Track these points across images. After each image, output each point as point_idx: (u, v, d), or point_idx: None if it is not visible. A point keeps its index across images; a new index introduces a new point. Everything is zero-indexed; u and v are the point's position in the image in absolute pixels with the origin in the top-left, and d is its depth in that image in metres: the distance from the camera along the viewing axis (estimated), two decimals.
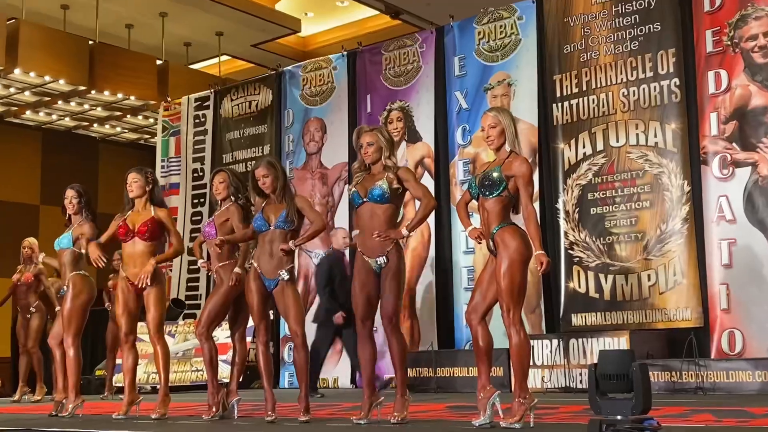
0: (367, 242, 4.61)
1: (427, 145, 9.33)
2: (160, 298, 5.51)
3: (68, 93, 12.60)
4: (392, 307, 4.57)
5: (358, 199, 4.66)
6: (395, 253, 4.59)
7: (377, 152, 4.69)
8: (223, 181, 5.59)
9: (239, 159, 11.10)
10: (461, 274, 8.81)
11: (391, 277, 4.56)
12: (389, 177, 4.61)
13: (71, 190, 6.19)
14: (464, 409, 5.44)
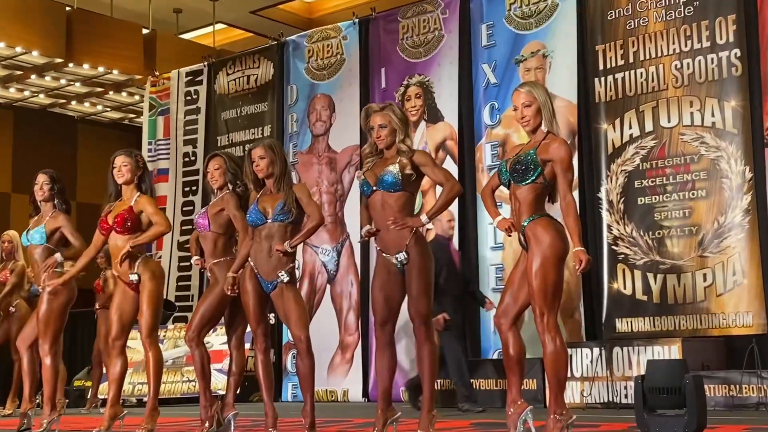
0: (383, 236, 4.61)
1: (449, 125, 9.32)
2: (155, 297, 5.50)
3: (42, 66, 12.65)
4: (423, 308, 4.56)
5: (367, 187, 4.66)
6: (416, 247, 4.57)
7: (391, 135, 4.69)
8: (218, 167, 5.60)
9: (236, 141, 11.13)
10: (489, 273, 8.80)
11: (416, 274, 4.54)
12: (402, 162, 4.60)
13: (43, 175, 6.22)
14: (492, 426, 5.44)
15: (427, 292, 4.58)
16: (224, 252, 5.53)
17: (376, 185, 4.63)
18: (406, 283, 4.59)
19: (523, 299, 4.31)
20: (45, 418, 5.94)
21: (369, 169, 4.72)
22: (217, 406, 5.47)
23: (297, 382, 9.62)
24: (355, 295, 9.67)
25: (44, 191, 6.20)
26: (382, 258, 4.63)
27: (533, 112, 4.36)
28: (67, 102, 14.48)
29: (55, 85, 13.51)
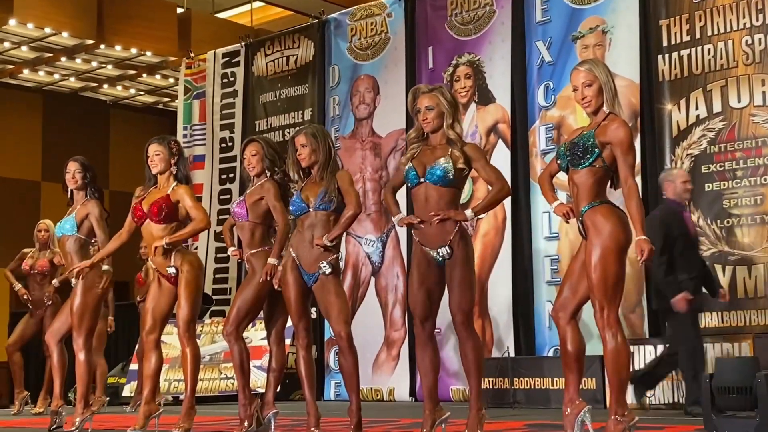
0: (425, 229, 4.61)
1: (501, 107, 9.27)
2: (194, 290, 5.55)
3: (73, 48, 12.81)
4: (464, 303, 4.58)
5: (414, 178, 4.65)
6: (460, 242, 4.58)
7: (438, 118, 4.68)
8: (255, 153, 5.63)
9: (275, 126, 11.18)
10: (544, 264, 8.75)
11: (458, 268, 4.55)
12: (454, 154, 4.59)
13: (74, 163, 6.31)
14: (547, 427, 5.41)
15: (470, 287, 4.59)
16: (262, 242, 5.57)
17: (424, 177, 4.61)
18: (447, 278, 4.60)
19: (582, 292, 4.29)
20: (77, 416, 6.03)
21: (416, 156, 4.70)
22: (257, 404, 5.51)
23: (340, 380, 9.67)
24: (401, 289, 9.67)
25: (76, 180, 6.29)
26: (422, 251, 4.63)
27: (594, 92, 4.33)
28: (99, 85, 14.65)
29: (86, 68, 13.68)
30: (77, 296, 6.07)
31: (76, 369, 6.12)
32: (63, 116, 15.09)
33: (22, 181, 14.92)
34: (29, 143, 15.12)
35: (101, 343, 8.97)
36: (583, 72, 4.36)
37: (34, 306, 8.74)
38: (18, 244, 9.46)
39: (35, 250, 8.90)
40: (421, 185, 4.64)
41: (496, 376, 8.03)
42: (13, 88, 14.56)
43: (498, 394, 8.00)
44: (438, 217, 4.51)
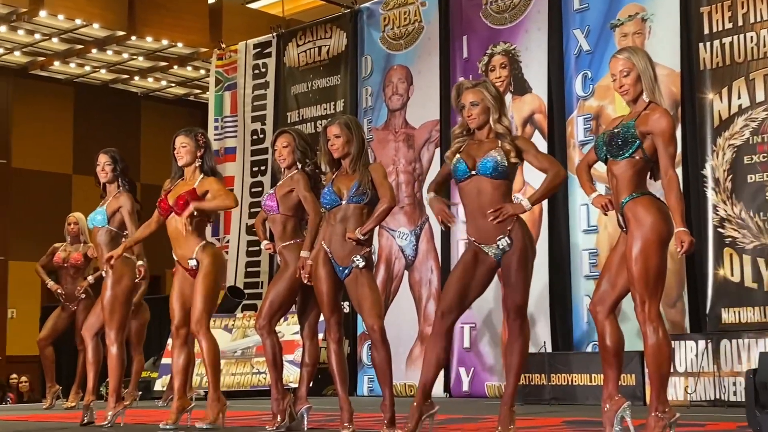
0: (479, 226, 4.58)
1: (537, 97, 9.22)
2: (210, 284, 5.57)
3: (104, 40, 12.92)
4: (520, 299, 4.58)
5: (464, 171, 4.62)
6: (520, 231, 4.56)
7: (483, 114, 4.66)
8: (287, 144, 5.64)
9: (307, 117, 11.20)
10: (581, 258, 8.70)
11: (516, 262, 4.53)
12: (505, 148, 4.57)
13: (104, 155, 6.36)
14: (585, 424, 5.39)
15: (526, 282, 4.59)
16: (294, 235, 5.58)
17: (475, 169, 4.59)
18: (504, 273, 4.57)
19: (621, 286, 4.26)
20: (110, 410, 6.07)
21: (462, 150, 4.68)
22: (290, 399, 5.53)
23: (373, 375, 9.66)
24: (435, 283, 9.66)
25: (106, 172, 6.34)
26: (474, 248, 4.60)
27: (632, 81, 4.30)
28: (130, 77, 14.77)
29: (116, 60, 13.79)
30: (107, 289, 6.12)
31: (108, 363, 6.16)
32: (94, 108, 15.22)
33: (53, 174, 15.08)
34: (60, 136, 15.27)
35: (140, 339, 9.04)
36: (621, 60, 4.33)
37: (66, 300, 8.81)
38: (49, 237, 9.54)
39: (66, 244, 8.98)
40: (472, 179, 4.61)
41: (533, 371, 8.00)
42: (45, 80, 14.71)
43: (534, 390, 7.97)
44: (495, 215, 4.47)
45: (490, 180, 4.57)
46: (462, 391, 9.15)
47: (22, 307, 9.24)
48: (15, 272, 9.44)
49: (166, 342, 9.86)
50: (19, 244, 9.83)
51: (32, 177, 14.83)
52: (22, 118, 14.81)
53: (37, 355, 9.15)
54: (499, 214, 4.48)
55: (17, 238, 13.30)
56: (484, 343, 9.07)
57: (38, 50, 13.49)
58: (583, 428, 5.23)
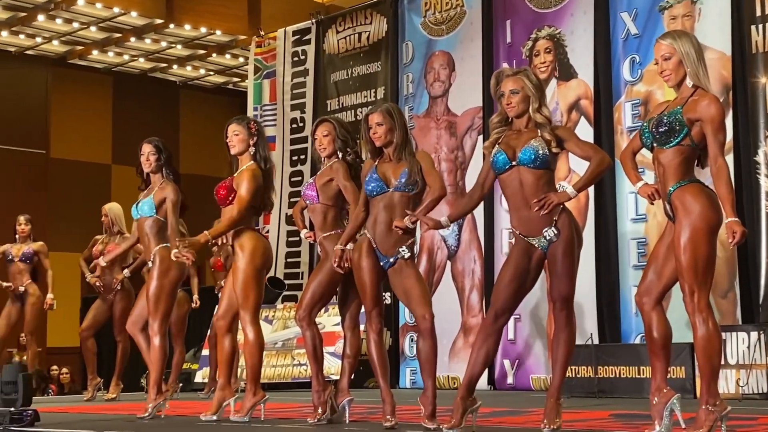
0: (523, 217, 4.58)
1: (583, 83, 9.16)
2: (250, 269, 5.62)
3: (142, 28, 13.04)
4: (566, 290, 4.58)
5: (504, 161, 4.61)
6: (567, 220, 4.56)
7: (523, 102, 4.65)
8: (327, 133, 5.66)
9: (347, 105, 11.23)
10: (629, 247, 8.65)
11: (562, 251, 4.53)
12: (545, 138, 4.56)
13: (148, 145, 6.42)
14: (633, 418, 5.37)
15: (573, 272, 4.58)
16: (335, 225, 5.60)
17: (516, 160, 4.59)
18: (550, 263, 4.57)
19: (668, 276, 4.24)
20: (150, 402, 6.15)
21: (502, 140, 4.68)
22: (331, 391, 5.56)
23: (416, 368, 9.71)
24: (478, 273, 9.65)
25: (151, 162, 6.40)
26: (521, 242, 4.59)
27: (674, 65, 4.27)
28: (168, 66, 14.89)
29: (155, 48, 13.91)
30: (153, 280, 6.19)
31: (151, 354, 6.22)
32: (132, 98, 15.38)
33: (92, 164, 15.26)
34: (99, 126, 15.45)
35: (181, 330, 9.15)
36: (663, 45, 4.31)
37: (104, 291, 8.93)
38: (88, 229, 9.68)
39: (105, 236, 9.10)
40: (513, 170, 4.60)
41: (579, 364, 7.97)
42: (83, 69, 14.88)
43: (581, 382, 7.95)
44: (540, 204, 4.47)
45: (532, 170, 4.56)
46: (506, 383, 9.15)
47: (63, 298, 9.40)
48: (54, 263, 9.56)
49: (206, 333, 9.96)
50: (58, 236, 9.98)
51: (71, 167, 15.03)
52: (60, 107, 15.01)
53: (78, 347, 9.28)
54: (544, 204, 4.47)
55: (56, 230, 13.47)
56: (530, 335, 9.05)
57: (76, 39, 13.64)
58: (631, 422, 5.21)
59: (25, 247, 9.30)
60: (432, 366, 4.98)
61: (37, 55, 14.45)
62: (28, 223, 9.35)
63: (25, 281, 9.25)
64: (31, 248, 9.29)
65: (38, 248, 9.34)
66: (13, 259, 9.28)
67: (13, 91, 14.58)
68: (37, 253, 9.31)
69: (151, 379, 6.20)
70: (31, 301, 9.26)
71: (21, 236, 9.35)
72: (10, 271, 9.34)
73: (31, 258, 9.26)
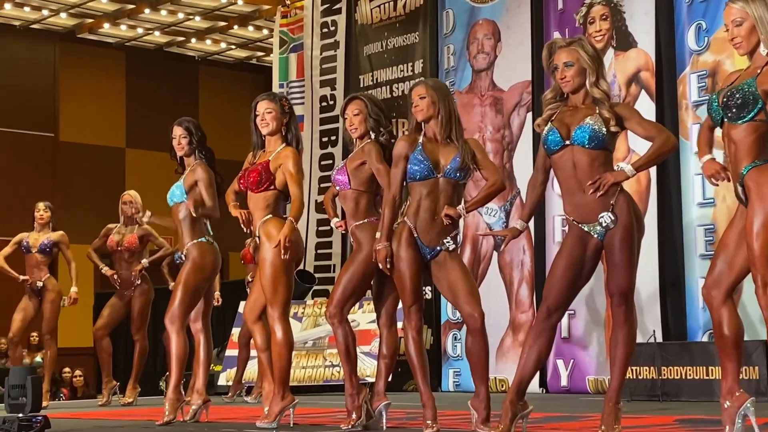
0: (577, 203, 4.56)
1: (644, 53, 9.09)
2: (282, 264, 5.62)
3: None
4: (625, 282, 4.56)
5: (557, 140, 4.59)
6: (625, 205, 4.53)
7: (579, 76, 4.63)
8: (358, 111, 5.66)
9: (381, 80, 11.21)
10: (695, 235, 8.59)
11: (621, 239, 4.50)
12: (604, 115, 4.53)
13: (179, 127, 6.46)
14: (701, 423, 5.34)
15: (633, 262, 4.56)
16: (368, 212, 5.60)
17: (569, 139, 4.56)
18: (607, 253, 4.55)
19: (740, 266, 4.20)
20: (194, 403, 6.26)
21: (555, 118, 4.65)
22: (366, 394, 5.57)
23: (460, 368, 9.70)
24: (528, 265, 9.62)
25: (182, 145, 6.46)
26: (576, 230, 4.57)
27: (746, 32, 4.24)
28: (186, 40, 14.96)
29: (171, 20, 13.97)
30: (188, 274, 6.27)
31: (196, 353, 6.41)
32: (147, 75, 15.47)
33: (104, 147, 15.36)
34: (111, 105, 15.55)
35: None
36: (734, 9, 4.28)
37: (122, 287, 8.98)
38: (101, 218, 9.73)
39: (121, 225, 9.10)
40: (566, 149, 4.58)
41: (641, 364, 7.93)
42: (93, 44, 14.98)
43: (643, 385, 7.91)
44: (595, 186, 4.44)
45: (587, 151, 4.53)
46: (560, 386, 9.12)
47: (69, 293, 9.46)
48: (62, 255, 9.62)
49: (230, 331, 10.02)
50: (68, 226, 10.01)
51: (81, 151, 15.15)
52: (69, 86, 15.13)
53: (91, 347, 9.36)
54: (599, 185, 4.44)
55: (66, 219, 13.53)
56: (585, 332, 9.01)
57: (86, 11, 13.73)
58: (699, 427, 5.18)
59: (44, 237, 9.09)
60: (484, 368, 5.01)
61: (44, 29, 14.57)
62: (48, 210, 9.18)
63: (44, 276, 9.05)
64: (50, 238, 9.10)
65: (58, 238, 9.13)
66: (30, 249, 9.08)
67: (19, 70, 14.72)
68: (57, 243, 9.14)
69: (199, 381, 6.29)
70: (50, 298, 9.08)
71: (39, 224, 9.13)
72: (26, 263, 9.18)
73: (50, 249, 9.13)
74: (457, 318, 9.80)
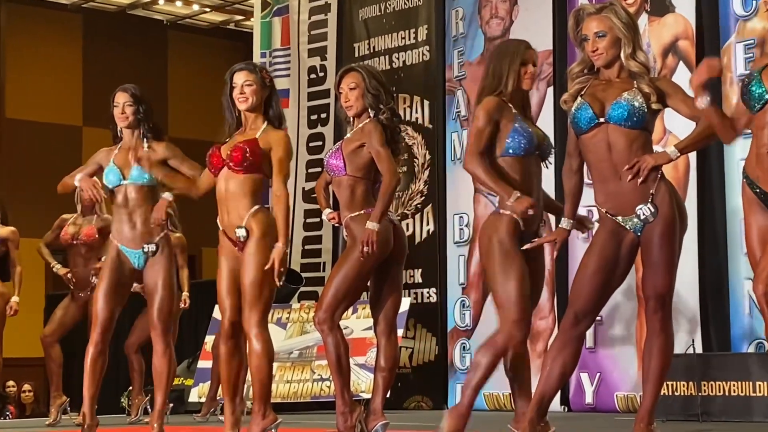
0: (611, 191, 4.58)
1: (682, 18, 9.10)
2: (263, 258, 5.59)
3: None
4: (663, 284, 4.60)
5: (589, 117, 4.60)
6: (667, 195, 4.56)
7: (613, 47, 4.66)
8: (355, 85, 5.69)
9: (379, 50, 11.21)
10: (741, 228, 8.58)
11: (661, 234, 4.53)
12: (644, 90, 4.55)
13: (123, 93, 6.44)
14: None
15: (673, 262, 4.60)
16: (365, 202, 5.63)
17: (603, 117, 4.57)
18: (643, 250, 4.58)
19: None
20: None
21: (585, 91, 4.67)
22: (361, 413, 5.60)
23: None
24: (548, 265, 9.57)
25: (127, 115, 6.43)
26: (609, 223, 4.59)
27: None
28: (153, 1, 14.93)
29: None
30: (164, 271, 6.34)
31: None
32: (108, 42, 15.45)
33: (57, 125, 15.35)
34: (66, 77, 15.53)
35: None
36: None
37: (77, 286, 8.93)
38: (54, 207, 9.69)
39: (77, 216, 9.07)
40: (600, 128, 4.62)
41: (678, 378, 7.95)
42: (45, 6, 14.97)
43: (680, 402, 7.92)
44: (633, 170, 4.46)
45: (624, 130, 4.56)
46: (584, 403, 9.15)
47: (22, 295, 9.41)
48: None
49: (203, 339, 10.02)
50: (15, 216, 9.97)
51: (31, 130, 15.13)
52: (17, 55, 15.11)
53: (42, 357, 9.32)
54: (639, 169, 4.46)
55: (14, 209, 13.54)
56: (614, 342, 9.03)
57: None
58: None
59: None
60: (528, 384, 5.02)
61: None
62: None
63: None
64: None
65: (7, 235, 9.02)
66: None
67: None
68: (5, 240, 9.12)
69: None
70: None
71: None
72: None
73: None
74: (466, 325, 9.83)
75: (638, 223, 4.55)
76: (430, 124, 10.63)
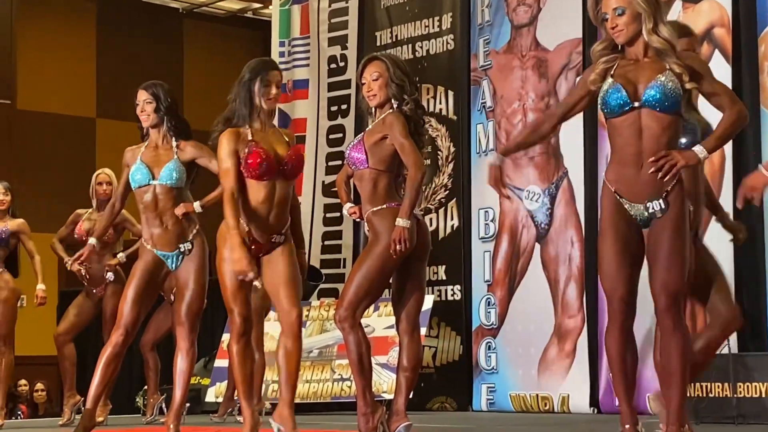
0: (629, 176, 4.57)
1: (718, 5, 9.06)
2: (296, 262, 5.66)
3: None
4: (673, 281, 4.56)
5: (623, 101, 4.58)
6: (680, 195, 4.54)
7: (633, 23, 4.64)
8: (378, 75, 5.68)
9: (402, 38, 11.20)
10: None
11: (669, 232, 4.52)
12: (675, 70, 4.52)
13: (142, 92, 6.46)
14: None
15: (683, 258, 4.56)
16: (387, 196, 5.62)
17: (638, 101, 4.56)
18: (649, 245, 4.58)
19: None
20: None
21: (615, 72, 4.64)
22: (382, 414, 5.59)
23: (493, 384, 9.72)
24: (577, 260, 9.60)
25: (147, 113, 6.47)
26: (617, 206, 4.59)
27: None
28: None
29: None
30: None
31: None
32: (122, 31, 15.46)
33: (71, 117, 15.37)
34: (79, 68, 15.54)
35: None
36: None
37: (90, 283, 8.96)
38: (68, 201, 9.73)
39: (92, 211, 9.08)
40: (632, 113, 4.60)
41: (712, 380, 7.92)
42: None
43: (715, 404, 7.88)
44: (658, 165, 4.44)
45: (658, 115, 4.55)
46: (615, 405, 9.09)
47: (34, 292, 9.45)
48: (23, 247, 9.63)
49: (219, 337, 10.03)
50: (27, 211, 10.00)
51: (44, 122, 15.16)
52: (29, 45, 15.13)
53: (55, 355, 9.35)
54: (667, 167, 4.44)
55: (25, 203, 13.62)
56: (645, 340, 9.00)
57: None
58: None
59: (1, 225, 9.07)
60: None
61: None
62: (8, 193, 9.20)
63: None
64: (8, 227, 9.10)
65: (18, 227, 9.06)
66: None
67: None
68: (16, 233, 9.14)
69: None
70: (2, 297, 9.13)
71: None
72: None
73: (6, 240, 9.13)
74: (491, 323, 9.81)
75: (644, 214, 4.54)
76: (455, 116, 10.61)
